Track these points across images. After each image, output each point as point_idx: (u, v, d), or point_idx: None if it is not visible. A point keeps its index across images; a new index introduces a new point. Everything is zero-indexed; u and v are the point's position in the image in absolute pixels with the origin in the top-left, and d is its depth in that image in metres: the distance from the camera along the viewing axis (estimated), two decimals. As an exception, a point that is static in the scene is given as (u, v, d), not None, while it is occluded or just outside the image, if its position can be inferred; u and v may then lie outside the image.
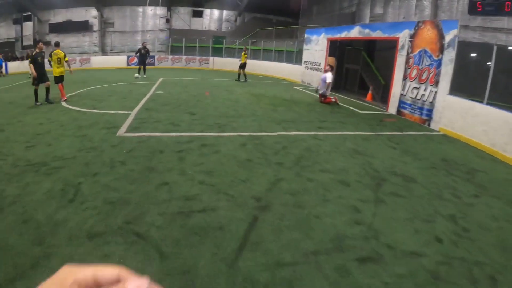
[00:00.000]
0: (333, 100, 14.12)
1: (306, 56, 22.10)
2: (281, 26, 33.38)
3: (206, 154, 6.63)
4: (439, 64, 11.17)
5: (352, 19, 24.47)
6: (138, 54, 21.46)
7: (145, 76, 20.57)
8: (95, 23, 38.63)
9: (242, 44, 33.48)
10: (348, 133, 9.19)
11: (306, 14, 31.50)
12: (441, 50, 11.12)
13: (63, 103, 11.50)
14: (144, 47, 21.20)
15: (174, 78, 20.88)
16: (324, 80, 14.22)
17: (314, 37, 21.01)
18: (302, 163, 6.45)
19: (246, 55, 21.46)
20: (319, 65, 20.00)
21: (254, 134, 8.30)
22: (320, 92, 14.42)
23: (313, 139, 8.23)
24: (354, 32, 16.77)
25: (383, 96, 16.59)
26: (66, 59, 12.59)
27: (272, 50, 29.76)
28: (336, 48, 19.87)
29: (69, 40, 39.16)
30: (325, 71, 14.62)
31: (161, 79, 19.91)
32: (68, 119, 9.26)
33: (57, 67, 12.22)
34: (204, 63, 33.43)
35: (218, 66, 32.39)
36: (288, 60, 27.10)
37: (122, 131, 8.01)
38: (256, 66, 28.56)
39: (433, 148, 8.63)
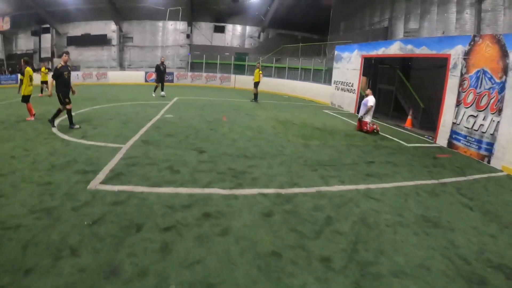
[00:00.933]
0: (375, 128, 11.94)
1: (336, 75, 19.89)
2: (307, 43, 31.19)
3: (208, 237, 4.19)
4: (502, 88, 8.99)
5: (384, 35, 22.73)
6: (156, 70, 19.57)
7: (164, 95, 19.05)
8: (114, 37, 37.67)
9: (266, 61, 31.48)
10: (406, 184, 6.72)
11: (334, 31, 29.39)
12: (505, 70, 8.96)
13: (54, 129, 9.57)
14: (162, 63, 19.34)
15: (191, 98, 19.02)
16: (365, 104, 12.01)
17: (345, 54, 18.81)
18: (360, 257, 4.00)
19: (260, 72, 19.45)
20: (352, 86, 17.81)
21: (283, 191, 5.84)
22: (359, 116, 12.21)
23: (366, 199, 5.77)
24: (394, 48, 14.63)
25: (424, 121, 14.67)
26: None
27: (298, 68, 27.63)
28: (370, 67, 17.64)
29: (87, 54, 38.49)
30: (367, 94, 12.32)
31: (176, 99, 18.05)
32: (45, 152, 7.30)
33: (29, 85, 11.35)
34: (225, 81, 31.49)
35: (240, 84, 30.27)
36: (316, 80, 24.90)
37: (97, 182, 5.71)
38: (281, 85, 26.51)
39: (509, 201, 6.42)
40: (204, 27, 37.27)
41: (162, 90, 19.30)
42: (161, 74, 19.26)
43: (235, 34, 37.85)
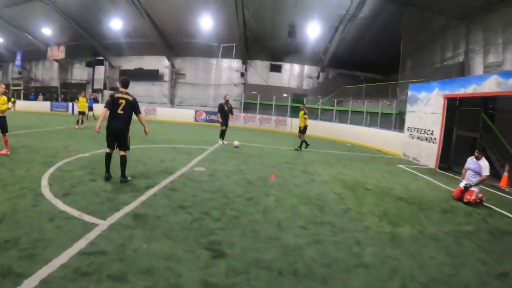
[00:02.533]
0: (480, 197, 8.38)
1: (410, 120, 16.32)
2: (370, 83, 27.91)
3: None
4: None
5: (461, 71, 19.24)
6: (220, 111, 15.81)
7: (225, 143, 15.79)
8: (166, 73, 36.92)
9: (326, 104, 28.41)
10: None
11: (402, 70, 25.88)
12: None
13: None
14: (227, 102, 15.87)
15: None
16: (477, 172, 8.47)
17: (422, 95, 15.39)
18: None
19: (306, 116, 16.27)
20: (432, 134, 14.25)
21: None
22: (465, 184, 8.56)
23: None
24: (489, 85, 11.30)
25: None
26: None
27: (362, 112, 24.01)
28: (454, 109, 14.20)
29: (139, 88, 37.80)
30: (477, 157, 8.80)
31: (219, 143, 15.22)
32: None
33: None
34: (280, 124, 28.55)
35: (296, 129, 26.16)
36: (384, 125, 21.29)
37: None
38: (343, 131, 23.14)
39: None
40: (259, 65, 35.16)
41: (223, 137, 15.96)
42: (226, 115, 15.80)
43: (293, 73, 35.29)
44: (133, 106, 7.43)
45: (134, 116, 7.51)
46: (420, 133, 15.22)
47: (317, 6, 25.11)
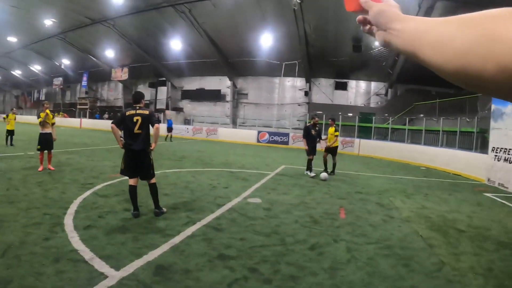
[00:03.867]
0: None
1: (495, 138, 13.90)
2: (443, 99, 25.44)
3: None
4: None
5: None
6: (306, 136, 12.71)
7: (312, 175, 12.26)
8: (228, 93, 36.59)
9: (396, 122, 26.26)
10: None
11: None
12: None
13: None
14: (315, 125, 12.78)
15: (302, 168, 14.03)
16: None
17: (509, 108, 13.07)
18: None
19: (337, 133, 13.25)
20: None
21: None
22: None
23: None
24: None
25: None
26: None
27: (438, 130, 21.37)
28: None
29: (201, 109, 38.47)
30: None
31: (281, 168, 13.87)
32: None
33: None
34: (347, 145, 26.27)
35: (365, 150, 24.61)
36: (464, 146, 18.93)
37: None
38: (416, 153, 20.63)
39: None
40: (324, 83, 33.62)
41: (311, 169, 12.56)
42: (313, 141, 12.68)
43: (359, 91, 33.22)
44: (149, 121, 6.22)
45: (190, 134, 6.32)
46: (509, 154, 13.07)
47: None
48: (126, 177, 6.32)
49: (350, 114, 29.77)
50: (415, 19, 0.68)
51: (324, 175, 11.69)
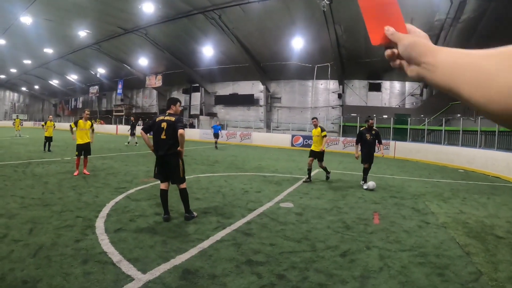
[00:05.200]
0: None
1: None
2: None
3: None
4: None
5: None
6: (359, 141, 11.15)
7: (365, 187, 10.48)
8: (261, 97, 36.68)
9: (432, 124, 25.43)
10: None
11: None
12: None
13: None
14: (371, 129, 11.09)
15: (336, 172, 13.91)
16: None
17: None
18: None
19: (324, 133, 11.37)
20: None
21: None
22: None
23: None
24: None
25: None
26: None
27: (476, 131, 20.42)
28: None
29: (234, 114, 38.78)
30: None
31: (315, 172, 13.33)
32: None
33: None
34: (383, 148, 25.58)
35: (400, 153, 23.72)
36: (504, 146, 18.20)
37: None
38: (453, 155, 19.75)
39: None
40: (357, 85, 33.03)
41: (365, 178, 10.90)
42: (369, 147, 11.00)
43: (393, 92, 32.35)
44: (174, 126, 6.17)
45: (224, 139, 6.27)
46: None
47: (413, 13, 22.43)
48: (158, 182, 6.36)
49: (385, 116, 29.12)
50: (449, 52, 0.63)
51: (371, 184, 10.48)
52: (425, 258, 4.97)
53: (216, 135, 25.50)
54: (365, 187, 10.50)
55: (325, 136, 11.35)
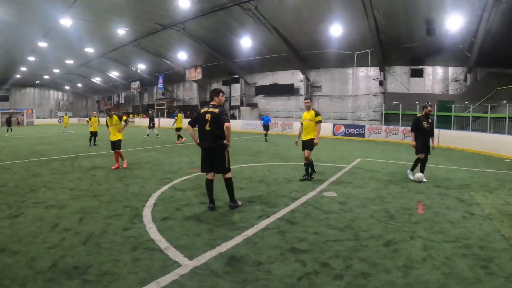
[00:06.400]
0: None
1: None
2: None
3: None
4: None
5: None
6: (415, 129, 10.07)
7: (412, 178, 9.82)
8: (301, 86, 36.69)
9: (477, 110, 24.10)
10: None
11: None
12: None
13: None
14: (427, 116, 10.19)
15: (379, 161, 13.60)
16: None
17: None
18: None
19: (318, 118, 9.11)
20: None
21: None
22: None
23: None
24: None
25: None
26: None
27: None
28: None
29: (275, 104, 38.89)
30: None
31: (357, 161, 13.29)
32: None
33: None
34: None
35: (445, 141, 22.13)
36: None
37: None
38: (499, 143, 18.41)
39: None
40: (398, 71, 31.97)
41: (423, 168, 9.97)
42: (424, 136, 9.91)
43: (436, 77, 30.95)
44: (219, 119, 6.09)
45: (276, 130, 6.20)
46: None
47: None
48: (203, 172, 6.41)
49: (428, 103, 28.04)
50: None
51: (419, 175, 9.66)
52: (469, 249, 4.80)
53: (266, 127, 24.08)
54: (412, 177, 9.87)
55: (319, 122, 9.13)
